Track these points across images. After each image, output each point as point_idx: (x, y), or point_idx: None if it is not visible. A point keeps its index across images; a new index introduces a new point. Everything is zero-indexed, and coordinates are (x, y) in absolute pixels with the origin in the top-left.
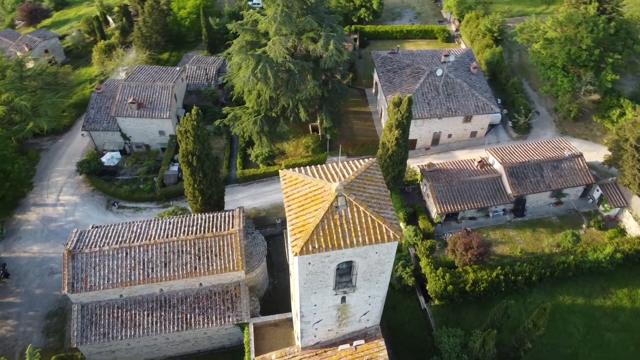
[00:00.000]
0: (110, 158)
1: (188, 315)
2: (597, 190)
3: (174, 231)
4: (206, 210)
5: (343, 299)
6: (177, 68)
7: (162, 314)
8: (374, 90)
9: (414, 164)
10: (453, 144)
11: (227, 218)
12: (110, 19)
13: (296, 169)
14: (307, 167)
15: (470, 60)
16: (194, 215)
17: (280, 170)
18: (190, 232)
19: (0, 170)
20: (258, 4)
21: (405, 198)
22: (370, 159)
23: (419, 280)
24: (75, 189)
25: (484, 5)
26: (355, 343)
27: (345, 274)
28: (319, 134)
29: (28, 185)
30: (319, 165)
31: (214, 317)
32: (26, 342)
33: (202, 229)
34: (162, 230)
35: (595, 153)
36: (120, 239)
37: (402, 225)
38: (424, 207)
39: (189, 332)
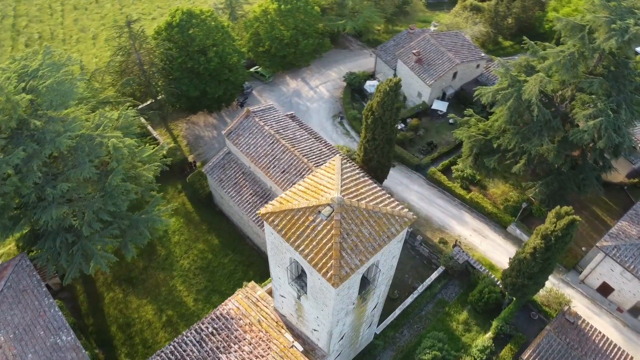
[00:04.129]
0: (371, 85)
1: None
2: None
3: (313, 153)
4: (364, 169)
5: (298, 297)
6: (484, 55)
7: (256, 201)
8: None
9: (581, 305)
10: None
11: None
12: None
13: (348, 163)
14: (361, 174)
15: None
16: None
17: (339, 156)
18: (315, 163)
19: (294, 38)
20: None
21: (521, 319)
22: (408, 213)
23: None
24: (333, 89)
25: None
26: (296, 344)
27: None
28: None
29: (305, 62)
30: (370, 183)
31: None
32: (205, 147)
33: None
34: (307, 147)
35: None
36: (281, 131)
37: (487, 336)
38: (526, 342)
39: (259, 228)
